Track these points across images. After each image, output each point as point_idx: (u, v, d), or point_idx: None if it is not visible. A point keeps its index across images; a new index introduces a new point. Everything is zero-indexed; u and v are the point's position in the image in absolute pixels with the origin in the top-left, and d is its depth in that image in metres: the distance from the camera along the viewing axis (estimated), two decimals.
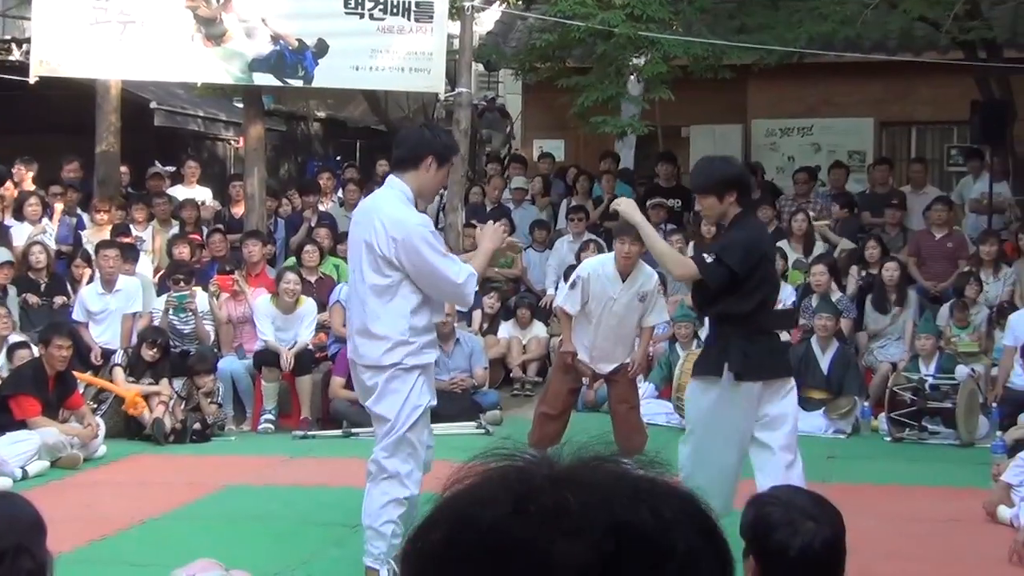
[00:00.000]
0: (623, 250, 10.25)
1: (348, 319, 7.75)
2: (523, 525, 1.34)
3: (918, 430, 12.34)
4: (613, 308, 10.35)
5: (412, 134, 7.73)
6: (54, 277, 14.67)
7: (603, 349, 10.46)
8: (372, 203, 7.53)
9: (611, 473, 1.42)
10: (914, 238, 15.90)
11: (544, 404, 10.71)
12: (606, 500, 1.36)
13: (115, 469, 11.32)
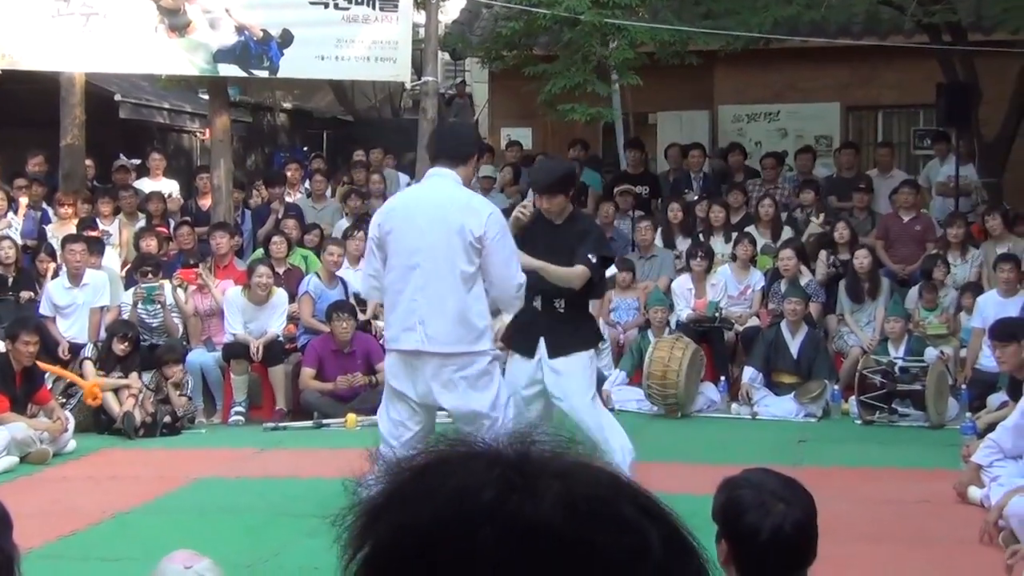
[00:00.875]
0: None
1: (412, 311, 7.53)
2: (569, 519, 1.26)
3: (888, 413, 12.38)
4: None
5: (463, 130, 8.15)
6: (21, 272, 14.58)
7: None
8: (441, 192, 7.58)
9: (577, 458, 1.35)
10: (882, 221, 15.93)
11: None
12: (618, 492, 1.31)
13: (85, 464, 11.26)
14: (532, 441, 1.36)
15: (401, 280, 7.49)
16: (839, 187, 17.18)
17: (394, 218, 7.55)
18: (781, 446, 11.30)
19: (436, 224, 7.43)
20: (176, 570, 3.77)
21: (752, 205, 16.38)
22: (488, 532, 1.26)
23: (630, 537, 1.27)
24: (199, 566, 3.79)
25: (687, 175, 18.03)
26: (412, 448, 1.30)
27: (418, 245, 7.41)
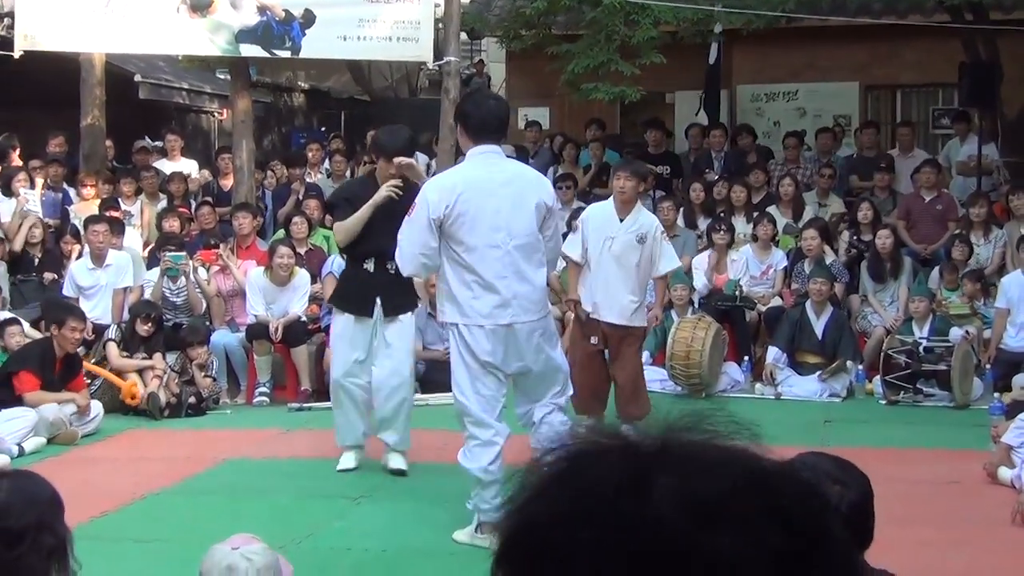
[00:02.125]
0: (618, 185, 10.71)
1: (504, 288, 7.70)
2: (684, 519, 1.23)
3: (913, 393, 12.37)
4: (612, 248, 10.49)
5: (502, 106, 8.15)
6: (47, 253, 14.60)
7: (604, 294, 10.54)
8: (507, 169, 7.95)
9: (728, 450, 1.31)
10: (903, 201, 15.89)
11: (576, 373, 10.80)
12: (752, 484, 1.26)
13: (112, 445, 11.28)
14: (683, 431, 1.33)
15: (485, 259, 7.62)
16: (860, 167, 17.14)
17: (464, 198, 7.58)
18: (806, 426, 11.29)
19: (515, 202, 7.67)
20: (223, 551, 3.79)
21: (773, 185, 16.33)
22: (590, 532, 1.25)
23: (744, 541, 1.22)
24: (247, 548, 3.79)
25: (708, 155, 17.98)
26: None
27: (498, 223, 7.60)
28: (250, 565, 3.75)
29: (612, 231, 10.53)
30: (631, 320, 10.57)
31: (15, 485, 3.73)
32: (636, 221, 10.55)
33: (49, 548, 3.64)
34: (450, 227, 7.57)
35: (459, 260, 7.63)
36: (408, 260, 7.75)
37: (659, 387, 12.96)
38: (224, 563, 3.74)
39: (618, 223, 10.53)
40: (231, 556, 3.76)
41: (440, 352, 13.29)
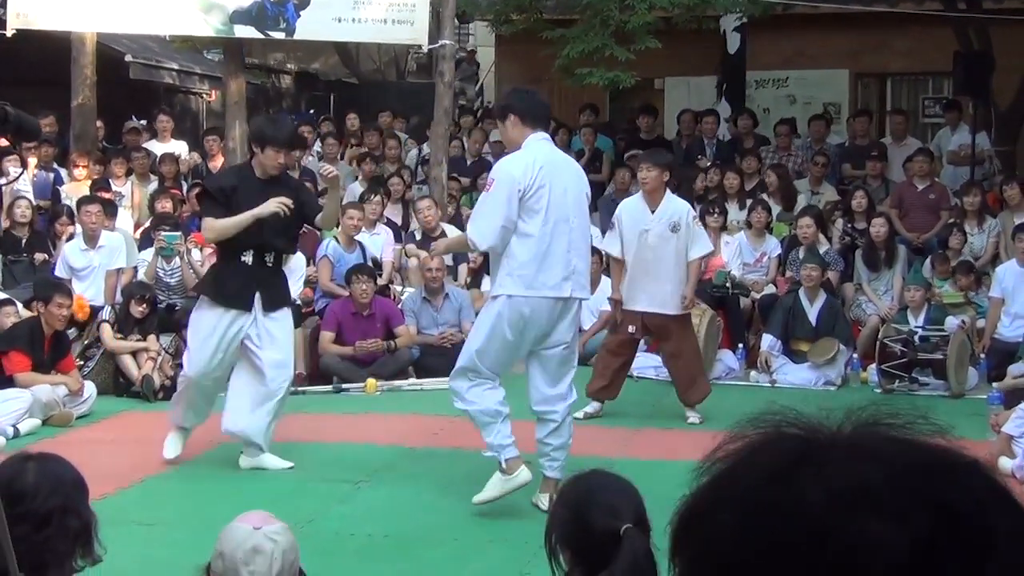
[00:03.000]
0: (640, 176, 11.02)
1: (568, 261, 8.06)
2: (826, 505, 1.21)
3: (908, 382, 12.39)
4: (647, 240, 10.74)
5: (541, 97, 8.79)
6: (35, 233, 14.52)
7: (645, 285, 10.84)
8: (562, 156, 8.60)
9: (900, 441, 1.29)
10: (896, 190, 15.90)
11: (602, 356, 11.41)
12: (907, 473, 1.23)
13: (107, 427, 11.23)
14: (866, 422, 1.33)
15: (554, 233, 7.93)
16: (853, 155, 17.14)
17: (544, 172, 7.89)
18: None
19: (574, 185, 8.14)
20: (245, 530, 3.73)
21: (765, 172, 16.32)
22: (733, 517, 1.26)
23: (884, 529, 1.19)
24: (269, 528, 3.75)
25: (700, 141, 17.97)
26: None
27: (565, 202, 7.98)
28: (276, 546, 3.70)
29: (646, 223, 10.79)
30: (675, 308, 10.84)
31: (41, 467, 3.72)
32: (667, 210, 10.77)
33: (75, 531, 3.65)
34: (529, 200, 7.84)
35: (531, 233, 7.86)
36: (490, 233, 7.88)
37: (654, 374, 12.95)
38: (249, 544, 3.68)
39: (650, 214, 10.80)
40: (255, 537, 3.70)
41: (435, 337, 13.30)
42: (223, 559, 3.68)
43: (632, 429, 10.81)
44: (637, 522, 3.51)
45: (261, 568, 3.65)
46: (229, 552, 3.68)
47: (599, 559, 3.41)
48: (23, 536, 3.44)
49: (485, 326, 8.07)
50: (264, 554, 3.67)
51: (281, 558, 3.69)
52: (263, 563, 3.66)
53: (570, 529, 3.59)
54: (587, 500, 3.60)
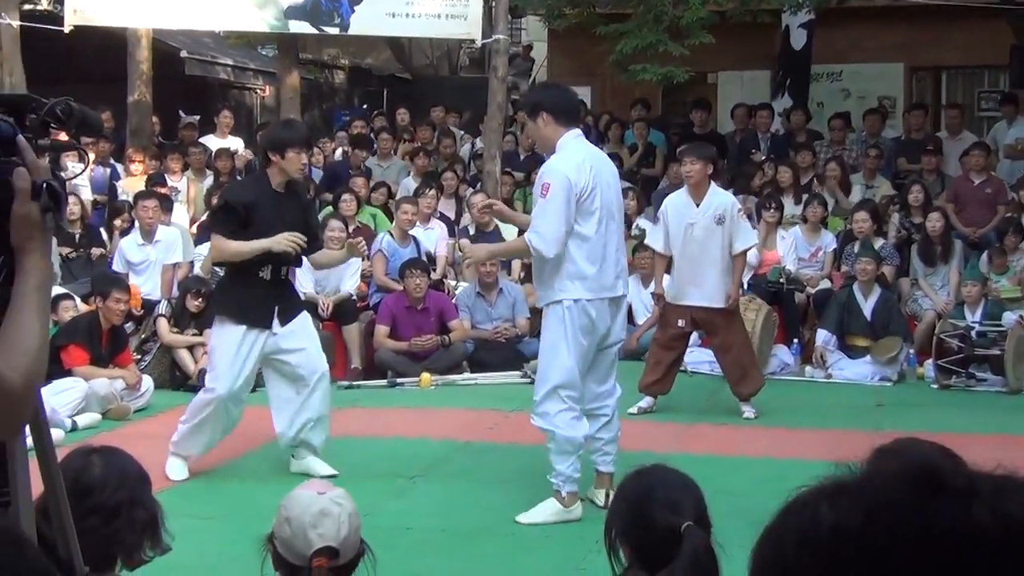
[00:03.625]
0: (684, 170, 10.98)
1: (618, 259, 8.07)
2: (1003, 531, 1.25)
3: (966, 377, 12.30)
4: (693, 234, 10.76)
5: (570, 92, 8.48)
6: (88, 228, 14.62)
7: (692, 279, 10.87)
8: (598, 153, 8.39)
9: None
10: (952, 184, 15.79)
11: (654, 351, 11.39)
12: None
13: (164, 420, 11.24)
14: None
15: (606, 233, 7.87)
16: (908, 149, 17.03)
17: (594, 172, 7.80)
18: (859, 410, 11.25)
19: (615, 182, 8.08)
20: (310, 495, 3.78)
21: (820, 166, 16.25)
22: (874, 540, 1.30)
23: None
24: (333, 493, 3.81)
25: (754, 135, 17.90)
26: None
27: (612, 200, 7.91)
28: (341, 509, 3.76)
29: (691, 217, 10.79)
30: (721, 301, 10.84)
31: (106, 461, 3.76)
32: (712, 203, 10.77)
33: (143, 522, 3.68)
34: (584, 201, 7.72)
35: (585, 235, 7.77)
36: (554, 241, 7.70)
37: (708, 369, 12.91)
38: (316, 507, 3.73)
39: (695, 208, 10.79)
40: (321, 501, 3.76)
41: (488, 332, 13.32)
42: (290, 524, 3.72)
43: (686, 424, 10.78)
44: (698, 519, 3.50)
45: (329, 530, 3.69)
46: (296, 516, 3.72)
47: (659, 556, 3.40)
48: (93, 529, 3.47)
49: (560, 339, 7.84)
50: (332, 516, 3.72)
51: (348, 521, 3.73)
52: (331, 525, 3.70)
53: (630, 525, 3.58)
54: (648, 496, 3.59)
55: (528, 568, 7.03)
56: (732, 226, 10.71)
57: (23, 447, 2.58)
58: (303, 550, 3.68)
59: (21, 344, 2.30)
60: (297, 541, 3.70)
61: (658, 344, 11.34)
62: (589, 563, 6.53)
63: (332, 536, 3.69)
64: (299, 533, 3.70)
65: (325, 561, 3.68)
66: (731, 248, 10.77)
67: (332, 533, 3.70)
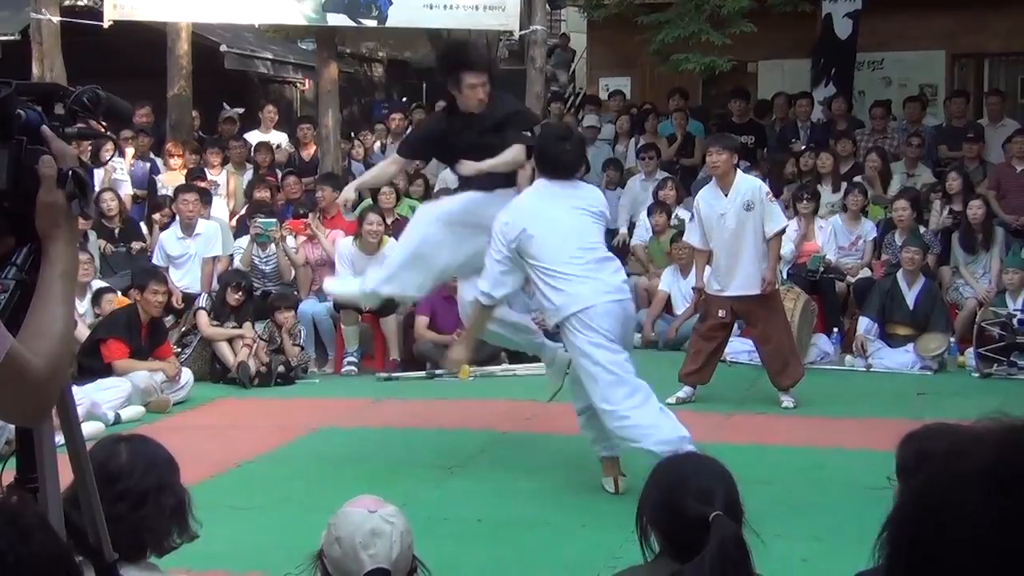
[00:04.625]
0: (710, 160, 10.97)
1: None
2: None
3: (1007, 365, 12.21)
4: (725, 224, 10.79)
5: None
6: (128, 222, 14.69)
7: (729, 269, 10.91)
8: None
9: None
10: (994, 171, 15.66)
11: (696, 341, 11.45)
12: None
13: (204, 413, 11.35)
14: None
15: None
16: (949, 136, 16.91)
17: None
18: (900, 399, 11.19)
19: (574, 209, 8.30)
20: (361, 514, 3.68)
21: (861, 155, 16.17)
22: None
23: None
24: (385, 511, 3.70)
25: (793, 124, 17.82)
26: None
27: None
28: (393, 528, 3.64)
29: (722, 207, 10.83)
30: (759, 287, 10.86)
31: (133, 448, 3.76)
32: (739, 190, 10.78)
33: (171, 509, 3.68)
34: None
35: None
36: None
37: (747, 358, 12.87)
38: (367, 527, 3.61)
39: (724, 197, 10.82)
40: (373, 520, 3.64)
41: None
42: (340, 544, 3.62)
43: (725, 414, 10.75)
44: (729, 508, 3.47)
45: (382, 551, 3.60)
46: (347, 536, 3.60)
47: (690, 544, 3.38)
48: (121, 515, 3.47)
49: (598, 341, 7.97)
50: (384, 536, 3.59)
51: (400, 540, 3.63)
52: (384, 546, 3.61)
53: (661, 512, 3.56)
54: (680, 484, 3.57)
55: (565, 557, 7.02)
56: (762, 210, 10.72)
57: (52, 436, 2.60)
58: (355, 571, 3.59)
59: (47, 330, 2.31)
60: (348, 562, 3.60)
61: (698, 334, 11.35)
62: (625, 551, 6.50)
63: (384, 557, 3.60)
64: (350, 554, 3.59)
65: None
66: (764, 232, 10.75)
67: (384, 554, 3.60)
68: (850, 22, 18.57)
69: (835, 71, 18.94)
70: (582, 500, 8.04)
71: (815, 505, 7.89)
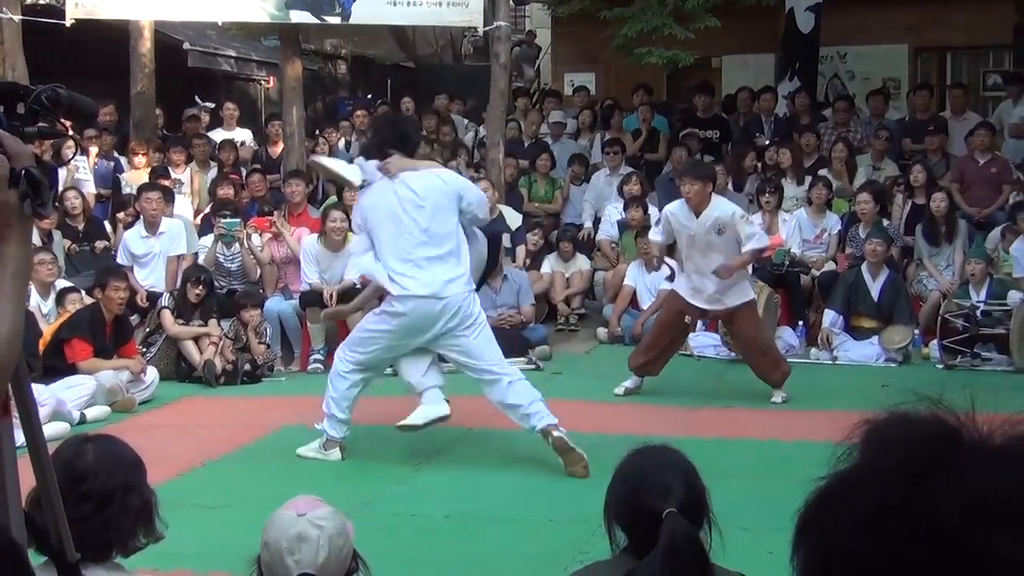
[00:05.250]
0: (684, 191, 10.90)
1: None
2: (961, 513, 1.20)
3: (971, 357, 12.28)
4: (696, 243, 10.81)
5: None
6: (92, 221, 14.64)
7: (698, 283, 10.93)
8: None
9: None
10: (957, 164, 15.75)
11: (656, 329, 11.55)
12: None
13: (169, 412, 11.31)
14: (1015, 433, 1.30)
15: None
16: (913, 130, 16.99)
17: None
18: (864, 391, 11.21)
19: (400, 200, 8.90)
20: (289, 518, 3.58)
21: (825, 148, 16.23)
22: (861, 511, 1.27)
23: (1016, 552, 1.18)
24: (314, 514, 3.59)
25: (757, 119, 17.88)
26: None
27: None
28: (321, 532, 3.52)
29: (692, 227, 10.84)
30: (725, 303, 10.89)
31: (100, 448, 3.75)
32: (711, 216, 10.74)
33: (136, 509, 3.66)
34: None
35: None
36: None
37: (713, 352, 12.92)
38: (293, 531, 3.51)
39: (695, 220, 10.80)
40: (299, 524, 3.53)
41: (493, 318, 13.29)
42: (268, 549, 3.55)
43: (692, 408, 10.77)
44: (691, 504, 3.46)
45: (307, 556, 3.49)
46: (274, 540, 3.52)
47: (650, 539, 3.36)
48: (87, 516, 3.46)
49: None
50: (310, 541, 3.47)
51: (328, 544, 3.52)
52: (309, 551, 3.50)
53: (623, 507, 3.56)
54: (639, 478, 3.55)
55: (531, 553, 7.03)
56: (736, 231, 10.68)
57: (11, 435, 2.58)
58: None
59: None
60: (276, 567, 3.52)
61: (661, 327, 11.34)
62: (592, 546, 6.51)
63: (309, 563, 3.49)
64: (276, 558, 3.51)
65: None
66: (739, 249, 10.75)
67: (310, 559, 3.49)
68: (812, 16, 18.64)
69: (799, 65, 19.00)
70: (549, 495, 8.05)
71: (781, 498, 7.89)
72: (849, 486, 1.30)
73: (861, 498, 1.27)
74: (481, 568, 6.85)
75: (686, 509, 3.39)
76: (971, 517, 1.19)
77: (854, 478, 1.31)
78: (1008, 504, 1.20)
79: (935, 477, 1.23)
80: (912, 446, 1.29)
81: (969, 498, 1.21)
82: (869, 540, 1.24)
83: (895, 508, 1.23)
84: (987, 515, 1.19)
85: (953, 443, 1.28)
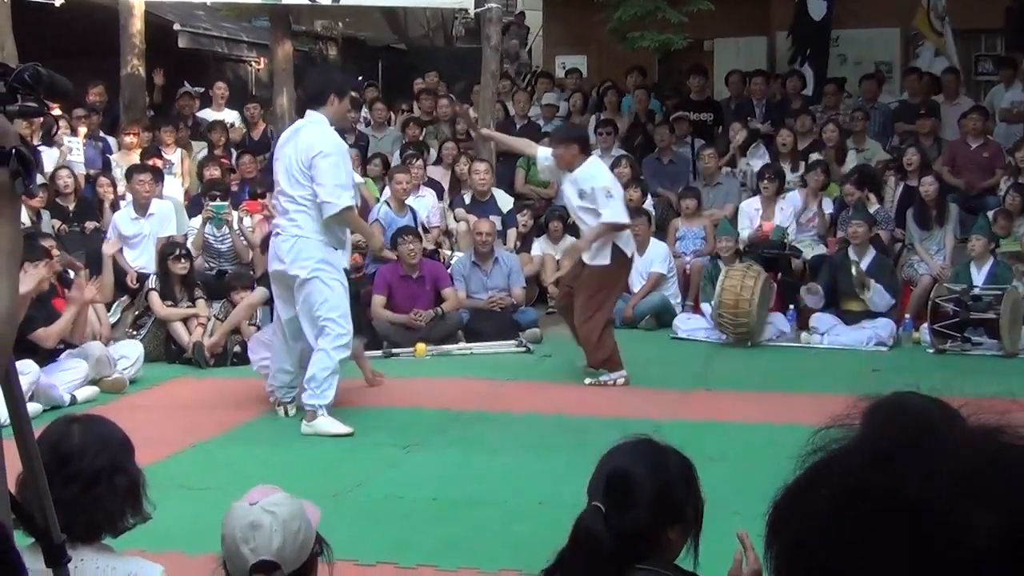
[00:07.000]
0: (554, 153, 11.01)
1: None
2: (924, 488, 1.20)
3: (961, 341, 12.27)
4: (570, 200, 11.02)
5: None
6: (82, 202, 14.59)
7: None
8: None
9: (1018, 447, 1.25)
10: (949, 147, 15.76)
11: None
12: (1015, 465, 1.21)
13: (159, 393, 11.28)
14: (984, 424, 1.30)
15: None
16: (905, 113, 16.98)
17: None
18: (855, 375, 11.23)
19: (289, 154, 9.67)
20: (242, 508, 3.56)
21: (818, 131, 16.23)
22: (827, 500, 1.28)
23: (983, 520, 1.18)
24: (266, 501, 3.56)
25: (749, 102, 17.86)
26: None
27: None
28: (274, 518, 3.50)
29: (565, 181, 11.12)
30: (586, 260, 10.89)
31: (86, 428, 3.75)
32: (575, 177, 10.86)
33: (124, 489, 3.66)
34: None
35: None
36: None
37: (704, 336, 12.91)
38: (246, 520, 3.49)
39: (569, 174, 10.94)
40: (252, 512, 3.51)
41: (484, 301, 13.31)
42: (225, 540, 3.53)
43: (682, 392, 10.77)
44: (629, 502, 3.44)
45: (262, 543, 3.46)
46: (229, 531, 3.49)
47: None
48: (74, 496, 3.47)
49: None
50: (263, 528, 3.44)
51: (282, 529, 3.48)
52: (263, 537, 3.46)
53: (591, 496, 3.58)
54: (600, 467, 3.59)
55: (520, 536, 7.00)
56: (592, 199, 10.65)
57: None
58: (242, 567, 3.48)
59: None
60: (234, 558, 3.50)
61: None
62: None
63: (265, 549, 3.45)
64: (232, 549, 3.49)
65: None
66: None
67: (264, 546, 3.46)
68: (824, 2, 18.60)
69: (810, 51, 18.96)
70: (538, 478, 8.03)
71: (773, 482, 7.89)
72: (818, 474, 1.32)
73: (830, 485, 1.28)
74: (471, 551, 6.83)
75: (627, 506, 3.39)
76: (936, 490, 1.19)
77: (823, 466, 1.32)
78: (973, 476, 1.20)
79: (902, 456, 1.24)
80: (883, 431, 1.30)
81: (934, 472, 1.21)
82: (840, 523, 1.24)
83: (864, 491, 1.24)
84: (952, 485, 1.19)
85: (924, 428, 1.28)
